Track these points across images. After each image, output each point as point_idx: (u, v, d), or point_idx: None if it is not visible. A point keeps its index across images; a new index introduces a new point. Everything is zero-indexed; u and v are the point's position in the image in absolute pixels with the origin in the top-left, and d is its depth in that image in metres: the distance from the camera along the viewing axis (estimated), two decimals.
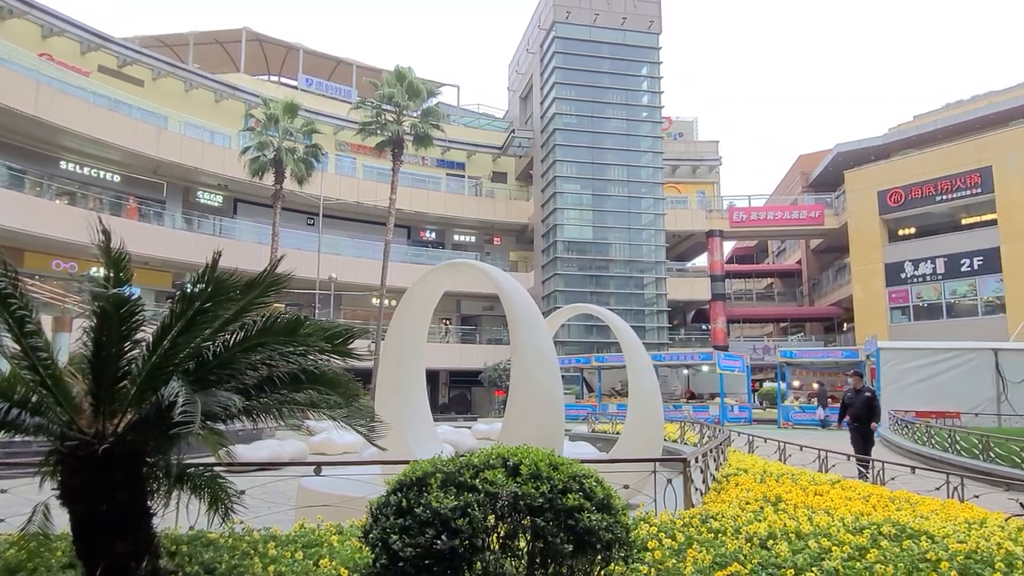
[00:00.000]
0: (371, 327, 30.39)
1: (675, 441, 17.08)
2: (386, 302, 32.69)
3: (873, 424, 11.30)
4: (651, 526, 4.83)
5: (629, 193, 41.02)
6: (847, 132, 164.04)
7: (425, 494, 3.22)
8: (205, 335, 3.56)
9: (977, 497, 7.43)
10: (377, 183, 39.74)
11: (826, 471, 9.75)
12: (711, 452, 8.09)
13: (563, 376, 35.52)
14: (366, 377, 27.99)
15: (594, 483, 3.37)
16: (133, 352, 3.47)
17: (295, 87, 42.27)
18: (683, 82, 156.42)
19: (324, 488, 7.22)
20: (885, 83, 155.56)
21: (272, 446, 15.95)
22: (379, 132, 34.67)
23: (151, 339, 3.42)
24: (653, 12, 42.16)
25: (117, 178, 33.91)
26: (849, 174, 40.33)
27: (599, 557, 3.27)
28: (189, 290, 3.47)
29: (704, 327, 46.87)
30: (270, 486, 7.35)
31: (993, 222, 34.03)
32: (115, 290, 3.36)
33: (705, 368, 31.54)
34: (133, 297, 3.35)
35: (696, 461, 6.75)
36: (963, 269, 34.78)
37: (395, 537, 3.09)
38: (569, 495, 3.21)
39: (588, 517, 3.16)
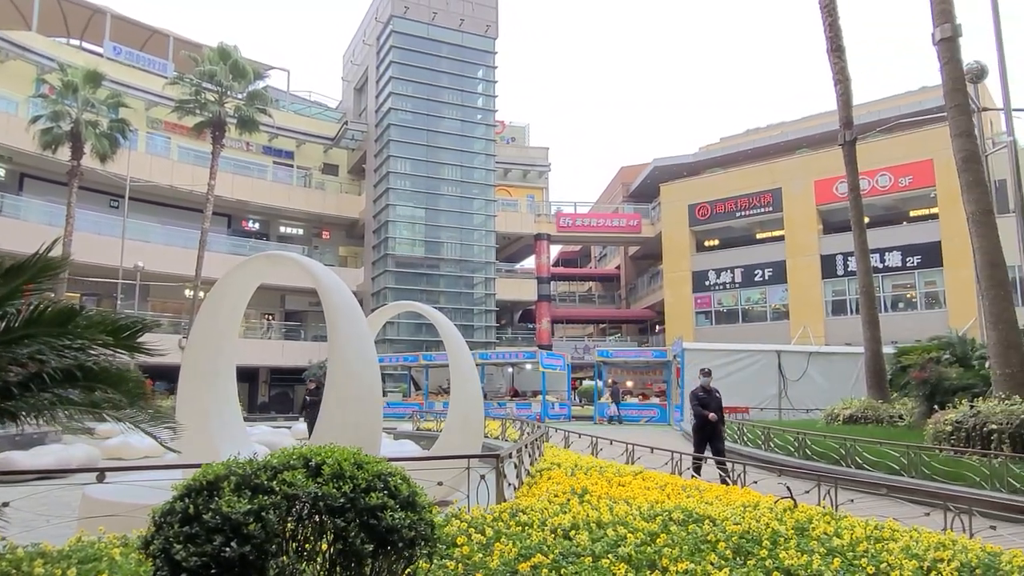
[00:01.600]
0: (183, 320, 28.17)
1: (497, 438, 17.46)
2: (200, 294, 30.47)
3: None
4: (462, 522, 4.88)
5: (462, 193, 41.42)
6: (665, 147, 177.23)
7: (216, 499, 3.00)
8: None
9: (756, 483, 8.26)
10: (195, 167, 36.92)
11: (632, 463, 10.41)
12: (526, 448, 8.33)
13: (391, 374, 35.32)
14: (176, 375, 25.88)
15: (399, 481, 3.33)
16: None
17: (100, 55, 38.10)
18: (517, 89, 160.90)
19: (112, 496, 6.60)
20: (701, 103, 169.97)
21: (57, 451, 14.21)
22: (198, 112, 32.26)
23: None
24: (490, 17, 42.90)
25: None
26: (664, 187, 43.53)
27: (403, 555, 3.23)
28: None
29: (530, 327, 48.44)
30: (51, 496, 6.60)
31: (781, 238, 38.25)
32: None
33: (529, 366, 32.58)
34: None
35: (510, 457, 6.92)
36: (756, 279, 38.76)
37: (179, 547, 2.85)
38: (372, 494, 3.14)
39: (391, 516, 3.11)
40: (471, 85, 42.66)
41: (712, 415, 10.84)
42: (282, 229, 43.73)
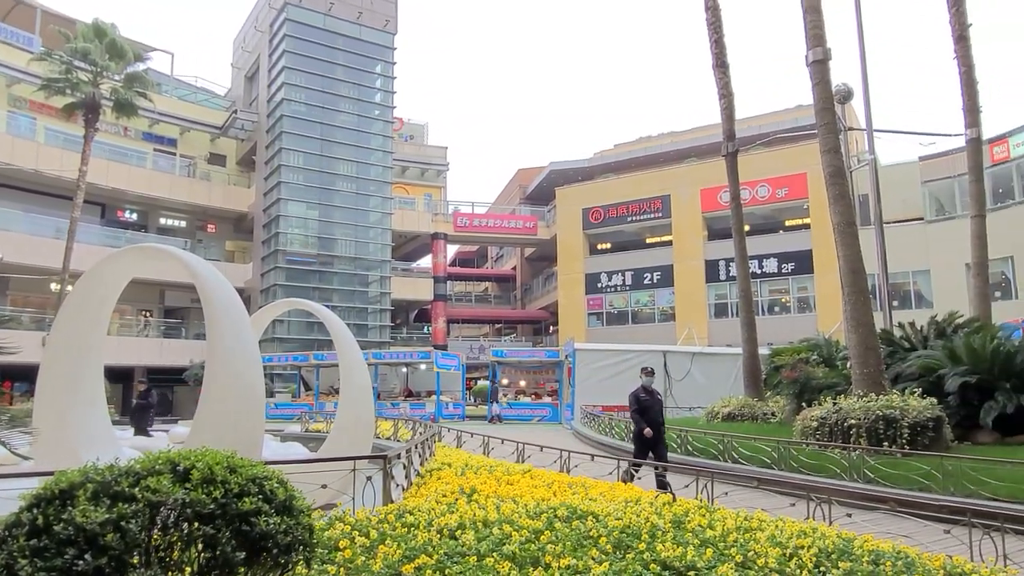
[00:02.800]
0: (48, 317, 26.04)
1: (389, 439, 17.22)
2: (68, 288, 28.26)
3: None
4: (345, 525, 4.76)
5: (357, 190, 40.54)
6: (561, 151, 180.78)
7: (70, 508, 2.78)
8: None
9: (640, 479, 8.57)
10: (64, 150, 34.17)
11: (522, 462, 10.53)
12: (416, 448, 8.25)
13: (280, 374, 34.09)
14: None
15: (276, 485, 3.20)
16: None
17: None
18: (417, 87, 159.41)
19: None
20: (597, 110, 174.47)
21: None
22: (69, 92, 29.90)
23: None
24: (390, 12, 42.28)
25: None
26: (560, 191, 44.38)
27: (278, 562, 3.11)
28: None
29: (425, 327, 48.10)
30: None
31: (669, 243, 39.88)
32: None
33: (423, 366, 32.34)
34: None
35: (399, 457, 6.82)
36: (645, 282, 40.20)
37: (24, 562, 2.62)
38: (246, 499, 3.00)
39: (265, 521, 2.98)
40: (369, 80, 41.85)
41: (648, 430, 9.59)
42: (163, 221, 41.25)
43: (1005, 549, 5.07)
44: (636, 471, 9.30)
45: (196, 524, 2.91)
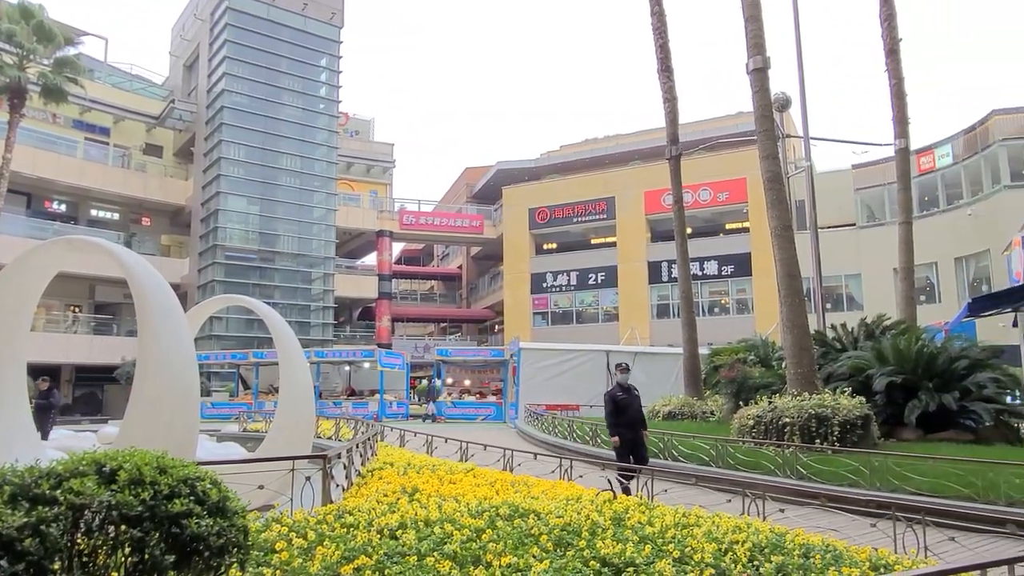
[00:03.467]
0: None
1: (330, 438, 16.94)
2: None
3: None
4: (282, 526, 4.66)
5: (301, 185, 39.75)
6: (509, 151, 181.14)
7: None
8: None
9: (582, 476, 8.63)
10: None
11: (465, 460, 10.51)
12: (357, 447, 8.14)
13: (217, 372, 33.16)
14: None
15: (209, 485, 3.10)
16: None
17: None
18: (363, 82, 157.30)
19: None
20: (545, 110, 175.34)
21: None
22: None
23: None
24: (336, 4, 41.62)
25: None
26: (507, 190, 44.47)
27: (210, 565, 3.01)
28: None
29: (369, 325, 47.54)
30: None
31: (613, 244, 40.41)
32: None
33: (367, 365, 31.94)
34: None
35: (339, 457, 6.71)
36: (590, 282, 40.64)
37: None
38: (176, 501, 2.90)
39: (197, 523, 2.89)
40: (314, 73, 41.08)
41: (616, 440, 8.76)
42: (94, 213, 39.64)
43: (926, 541, 5.30)
44: (627, 479, 8.03)
45: (123, 527, 2.80)
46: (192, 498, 2.98)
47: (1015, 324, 20.15)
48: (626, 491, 7.56)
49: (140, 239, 40.12)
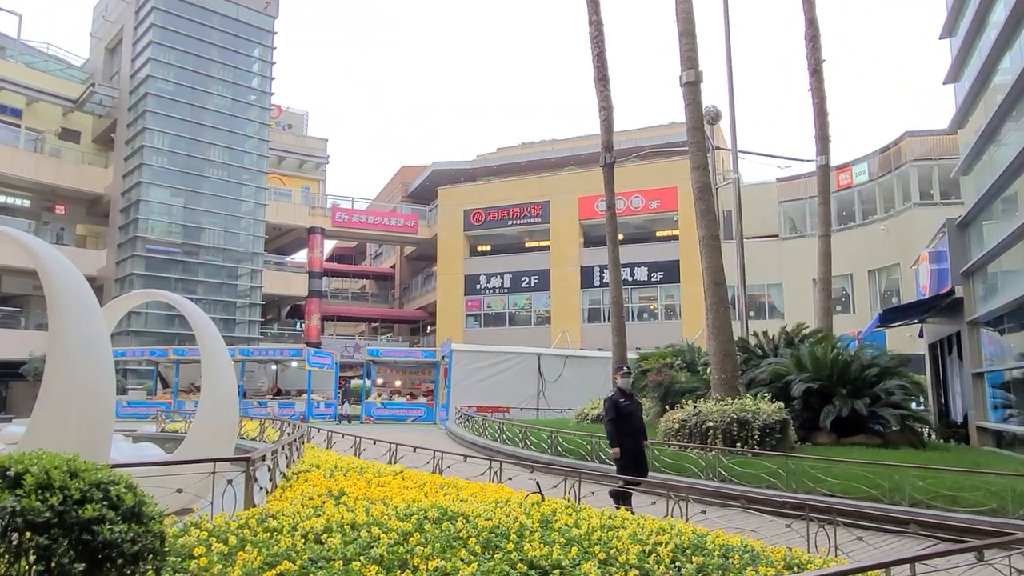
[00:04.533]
0: None
1: (254, 439, 16.49)
2: None
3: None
4: (202, 531, 4.50)
5: (229, 177, 38.53)
6: (445, 151, 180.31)
7: None
8: None
9: (511, 479, 8.67)
10: None
11: (394, 463, 10.40)
12: (282, 449, 7.94)
13: (134, 370, 31.80)
14: None
15: (123, 490, 2.97)
16: None
17: None
18: (298, 75, 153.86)
19: None
20: (482, 112, 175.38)
21: None
22: None
23: None
24: None
25: None
26: (442, 191, 44.28)
27: (124, 573, 2.88)
28: None
29: (298, 323, 46.48)
30: None
31: (547, 248, 40.77)
32: None
33: (295, 364, 31.25)
34: None
35: (263, 459, 6.54)
36: (523, 285, 40.88)
37: None
38: (88, 506, 2.76)
39: (110, 529, 2.76)
40: (245, 63, 39.91)
41: (616, 451, 7.86)
42: (1, 199, 37.40)
43: (837, 540, 5.55)
44: (625, 494, 7.42)
45: (28, 534, 2.65)
46: (105, 503, 2.85)
47: (921, 334, 21.39)
48: (627, 505, 6.96)
49: (53, 228, 38.16)
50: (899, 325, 21.26)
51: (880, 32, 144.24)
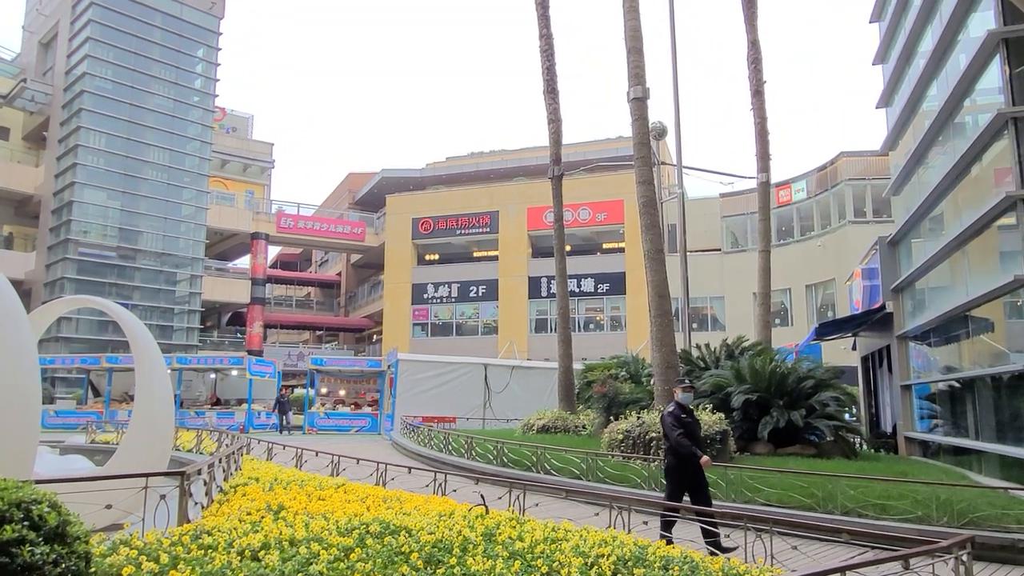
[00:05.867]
0: None
1: (191, 451, 15.95)
2: None
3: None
4: (131, 549, 4.32)
5: (169, 180, 37.43)
6: (394, 159, 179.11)
7: None
8: None
9: (456, 491, 8.61)
10: None
11: (336, 475, 10.21)
12: (220, 462, 7.72)
13: (64, 378, 30.50)
14: None
15: (47, 509, 2.84)
16: None
17: None
18: (244, 78, 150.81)
19: None
20: (431, 121, 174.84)
21: None
22: None
23: None
24: None
25: None
26: (391, 198, 43.94)
27: None
28: None
29: (240, 331, 45.36)
30: None
31: (495, 258, 40.84)
32: None
33: (235, 373, 30.41)
34: None
35: (199, 473, 6.34)
36: (471, 295, 40.82)
37: None
38: (7, 527, 2.63)
39: (30, 551, 2.63)
40: (189, 63, 38.93)
41: (705, 458, 7.03)
42: None
43: (773, 550, 5.68)
44: (670, 526, 6.66)
45: None
46: (26, 523, 2.72)
47: (854, 348, 22.19)
48: (666, 529, 6.49)
49: None
50: (834, 338, 22.00)
51: (822, 55, 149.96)
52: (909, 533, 6.75)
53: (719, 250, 35.96)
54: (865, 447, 16.40)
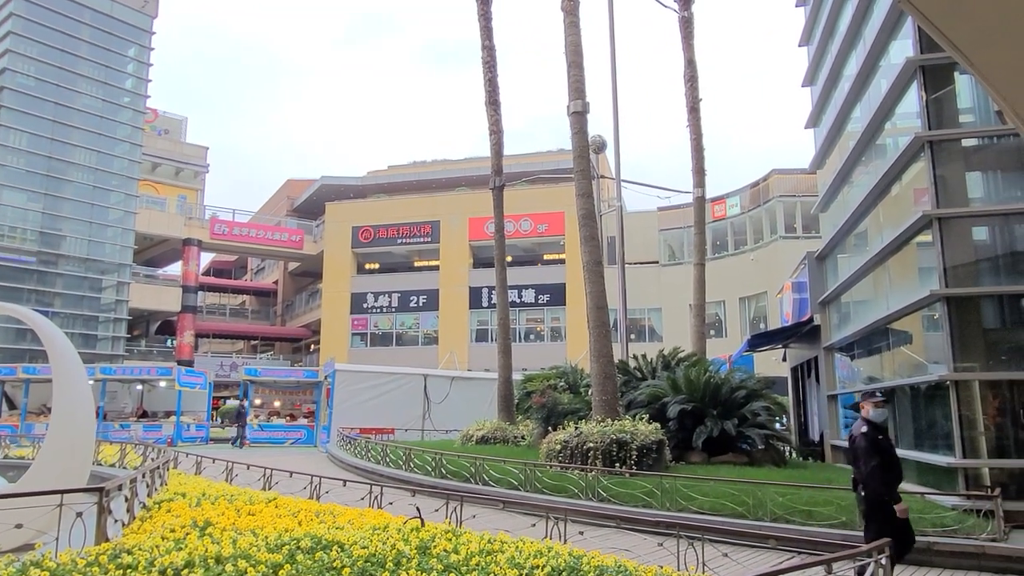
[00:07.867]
0: None
1: (113, 465, 15.27)
2: None
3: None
4: (43, 571, 4.10)
5: (95, 182, 35.96)
6: (333, 166, 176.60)
7: None
8: None
9: (392, 503, 8.48)
10: None
11: (268, 489, 9.94)
12: (143, 477, 7.41)
13: None
14: None
15: None
16: None
17: None
18: (178, 79, 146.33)
19: None
20: (371, 129, 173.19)
21: None
22: None
23: None
24: None
25: None
26: (330, 206, 43.27)
27: None
28: None
29: (169, 340, 43.80)
30: None
31: (437, 268, 40.64)
32: None
33: (163, 384, 29.31)
34: None
35: (120, 489, 6.06)
36: (412, 305, 40.49)
37: None
38: None
39: None
40: (119, 62, 37.58)
41: (904, 507, 5.68)
42: None
43: (704, 557, 5.79)
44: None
45: None
46: None
47: (784, 359, 22.92)
48: None
49: None
50: (765, 349, 22.67)
51: (767, 74, 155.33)
52: (833, 538, 6.98)
53: (656, 263, 36.68)
54: (794, 455, 16.89)
